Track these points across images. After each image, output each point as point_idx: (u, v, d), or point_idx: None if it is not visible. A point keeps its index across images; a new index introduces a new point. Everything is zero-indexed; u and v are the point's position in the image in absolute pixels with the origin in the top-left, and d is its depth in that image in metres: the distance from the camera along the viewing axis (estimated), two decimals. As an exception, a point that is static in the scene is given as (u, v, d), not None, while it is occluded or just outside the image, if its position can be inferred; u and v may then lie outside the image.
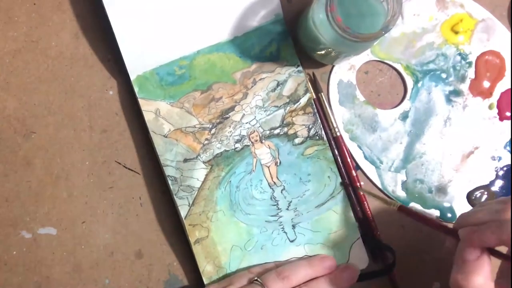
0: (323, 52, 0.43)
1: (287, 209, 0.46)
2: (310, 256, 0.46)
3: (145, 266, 0.46)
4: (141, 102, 0.45)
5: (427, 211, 0.48)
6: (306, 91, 0.47)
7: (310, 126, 0.46)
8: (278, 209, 0.46)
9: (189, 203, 0.45)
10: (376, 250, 0.47)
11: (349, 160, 0.47)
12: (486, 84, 0.49)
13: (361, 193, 0.47)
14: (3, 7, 0.46)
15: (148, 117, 0.45)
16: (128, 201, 0.46)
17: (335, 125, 0.47)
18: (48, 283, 0.45)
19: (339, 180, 0.47)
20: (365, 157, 0.48)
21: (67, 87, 0.46)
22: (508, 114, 0.49)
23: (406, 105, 0.48)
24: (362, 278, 0.45)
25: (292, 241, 0.46)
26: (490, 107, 0.49)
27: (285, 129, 0.47)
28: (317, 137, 0.46)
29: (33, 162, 0.46)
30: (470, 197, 0.48)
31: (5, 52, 0.46)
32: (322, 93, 0.47)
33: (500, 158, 0.49)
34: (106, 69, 0.47)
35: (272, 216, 0.46)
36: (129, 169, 0.46)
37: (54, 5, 0.46)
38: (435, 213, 0.48)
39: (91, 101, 0.46)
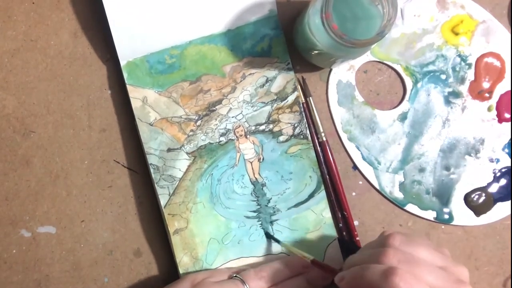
0: (320, 57, 0.46)
1: (267, 205, 0.49)
2: (288, 255, 0.49)
3: (144, 264, 0.49)
4: (129, 88, 0.48)
5: (424, 212, 0.51)
6: (294, 89, 0.50)
7: (296, 125, 0.50)
8: (258, 205, 0.49)
9: (169, 193, 0.48)
10: (351, 252, 0.50)
11: (334, 166, 0.50)
12: (486, 86, 0.52)
13: (341, 191, 0.50)
14: (1, 6, 0.49)
15: (135, 104, 0.48)
16: (127, 200, 0.49)
17: (321, 130, 0.50)
18: (48, 282, 0.49)
19: (320, 180, 0.50)
20: (363, 158, 0.51)
21: (66, 86, 0.49)
22: (507, 116, 0.52)
23: (405, 106, 0.52)
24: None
25: (269, 238, 0.49)
26: (489, 109, 0.52)
27: (271, 126, 0.50)
28: (302, 136, 0.50)
29: (32, 161, 0.49)
30: (467, 198, 0.52)
31: (4, 51, 0.49)
32: (310, 97, 0.50)
33: (498, 160, 0.52)
34: (105, 68, 0.50)
35: (251, 211, 0.49)
36: (128, 168, 0.50)
37: (53, 4, 0.49)
38: (432, 214, 0.51)
39: (90, 100, 0.50)
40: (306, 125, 0.50)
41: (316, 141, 0.50)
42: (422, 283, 0.37)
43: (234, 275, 0.45)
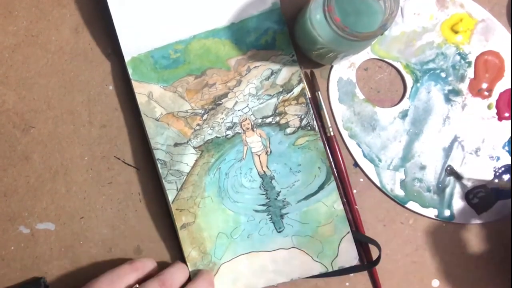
0: (321, 52, 0.46)
1: (276, 199, 0.49)
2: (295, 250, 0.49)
3: (143, 261, 0.49)
4: (134, 84, 0.48)
5: (425, 209, 0.51)
6: (300, 81, 0.50)
7: (302, 116, 0.50)
8: (267, 198, 0.49)
9: (177, 188, 0.48)
10: (360, 244, 0.50)
11: (341, 160, 0.50)
12: (485, 84, 0.52)
13: (348, 186, 0.50)
14: (3, 1, 0.49)
15: (140, 99, 0.48)
16: (127, 197, 0.49)
17: (329, 125, 0.50)
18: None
19: (330, 171, 0.49)
20: (364, 155, 0.51)
21: (67, 82, 0.49)
22: (507, 114, 0.52)
23: (405, 103, 0.52)
24: (343, 272, 0.49)
25: (279, 232, 0.49)
26: (489, 107, 0.52)
27: (277, 118, 0.50)
28: (309, 128, 0.49)
29: (31, 157, 0.49)
30: (468, 196, 0.52)
31: (5, 46, 0.49)
32: (319, 92, 0.50)
33: (498, 158, 0.52)
34: (106, 64, 0.50)
35: (260, 205, 0.49)
36: (128, 164, 0.49)
37: (54, -1, 0.50)
38: (433, 212, 0.51)
39: (90, 96, 0.50)
40: (313, 116, 0.50)
41: (324, 136, 0.50)
42: None
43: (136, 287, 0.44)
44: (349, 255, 0.49)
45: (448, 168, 0.49)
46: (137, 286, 0.44)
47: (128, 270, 0.45)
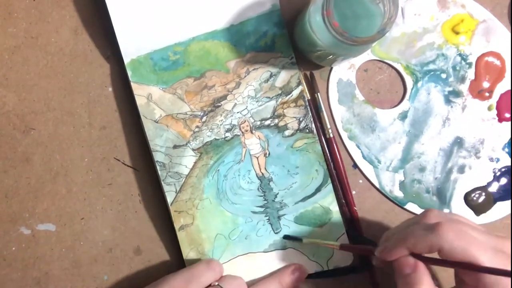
0: (320, 55, 0.46)
1: (274, 200, 0.49)
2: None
3: (144, 262, 0.49)
4: (133, 86, 0.48)
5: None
6: (299, 83, 0.50)
7: (301, 119, 0.50)
8: (265, 200, 0.49)
9: (176, 190, 0.48)
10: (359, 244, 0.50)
11: (340, 162, 0.50)
12: (486, 85, 0.52)
13: (347, 187, 0.50)
14: (2, 3, 0.49)
15: (140, 101, 0.48)
16: (127, 198, 0.49)
17: (328, 126, 0.50)
18: (47, 279, 0.49)
19: (327, 174, 0.50)
20: (363, 157, 0.51)
21: (67, 84, 0.50)
22: (507, 115, 0.52)
23: (405, 105, 0.52)
24: (342, 272, 0.49)
25: (276, 233, 0.49)
26: (489, 108, 0.52)
27: (276, 121, 0.50)
28: (307, 130, 0.50)
29: (32, 158, 0.49)
30: (467, 198, 0.52)
31: (5, 48, 0.49)
32: (318, 93, 0.50)
33: (498, 160, 0.52)
34: (106, 66, 0.50)
35: (258, 206, 0.49)
36: (128, 165, 0.50)
37: (54, 1, 0.50)
38: (432, 213, 0.51)
39: (90, 97, 0.50)
40: (312, 119, 0.50)
41: (323, 137, 0.50)
42: (468, 235, 0.37)
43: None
44: (344, 255, 0.49)
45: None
46: (216, 283, 0.45)
47: (204, 270, 0.45)
